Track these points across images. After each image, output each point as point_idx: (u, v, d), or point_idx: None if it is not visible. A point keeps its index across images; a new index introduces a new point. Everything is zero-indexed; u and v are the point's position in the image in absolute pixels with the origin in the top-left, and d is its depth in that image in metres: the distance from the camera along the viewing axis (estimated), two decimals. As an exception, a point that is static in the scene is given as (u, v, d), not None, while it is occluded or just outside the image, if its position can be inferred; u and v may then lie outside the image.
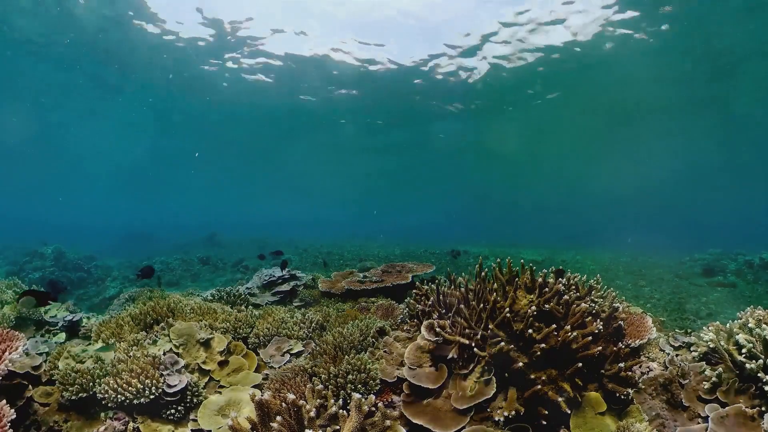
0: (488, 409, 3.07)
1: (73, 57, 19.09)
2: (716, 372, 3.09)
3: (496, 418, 2.94)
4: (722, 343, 3.24)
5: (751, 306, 3.54)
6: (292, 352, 3.95)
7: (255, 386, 3.52)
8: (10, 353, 3.30)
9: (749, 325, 3.22)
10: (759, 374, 2.89)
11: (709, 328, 3.54)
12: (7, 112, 26.00)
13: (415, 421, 3.06)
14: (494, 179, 57.28)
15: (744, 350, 3.06)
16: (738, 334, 3.17)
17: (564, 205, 79.10)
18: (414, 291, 4.29)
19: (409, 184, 63.04)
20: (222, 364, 3.77)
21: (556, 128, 30.05)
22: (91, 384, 3.36)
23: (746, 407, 2.84)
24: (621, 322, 3.62)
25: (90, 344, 4.11)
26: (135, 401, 3.23)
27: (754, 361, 2.97)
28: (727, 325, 3.46)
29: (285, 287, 5.58)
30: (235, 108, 26.23)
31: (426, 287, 4.20)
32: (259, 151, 38.67)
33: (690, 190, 60.90)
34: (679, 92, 23.03)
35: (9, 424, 2.75)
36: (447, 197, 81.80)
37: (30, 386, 3.50)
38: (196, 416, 3.27)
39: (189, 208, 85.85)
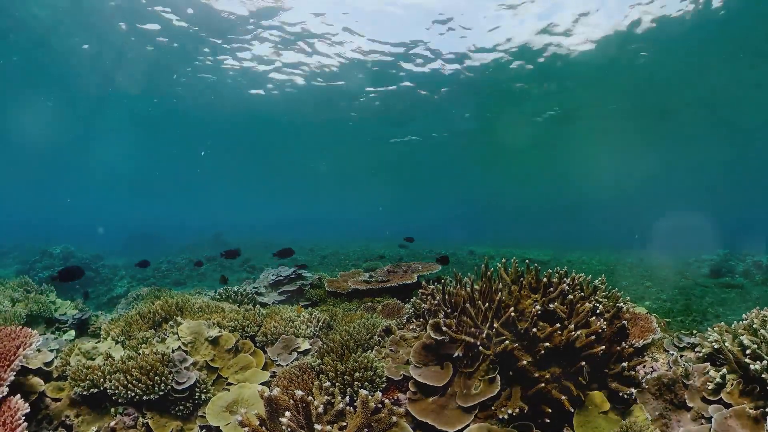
0: (492, 407, 3.10)
1: (77, 58, 19.26)
2: (720, 373, 3.08)
3: (500, 416, 2.96)
4: (727, 344, 3.24)
5: (757, 307, 3.54)
6: (299, 350, 3.99)
7: (263, 383, 3.57)
8: (24, 349, 3.38)
9: (754, 326, 3.21)
10: (763, 375, 2.88)
11: (714, 328, 3.54)
12: (13, 114, 26.28)
13: (420, 418, 3.09)
14: (501, 180, 57.11)
15: (748, 351, 3.05)
16: (743, 335, 3.16)
17: (570, 205, 78.69)
18: (420, 290, 4.31)
19: (414, 185, 63.04)
20: (230, 361, 3.83)
21: (567, 129, 29.90)
22: (101, 380, 3.42)
23: (750, 408, 2.83)
24: (625, 322, 3.63)
25: (100, 341, 4.18)
26: (144, 397, 3.29)
27: (758, 362, 2.96)
28: (732, 326, 3.46)
29: (292, 287, 5.63)
30: (240, 110, 26.36)
31: (432, 286, 4.22)
32: (263, 152, 38.83)
33: (696, 191, 60.39)
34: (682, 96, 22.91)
35: (23, 417, 2.82)
36: (452, 198, 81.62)
37: (42, 381, 3.58)
38: (205, 413, 3.32)
39: (195, 209, 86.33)
